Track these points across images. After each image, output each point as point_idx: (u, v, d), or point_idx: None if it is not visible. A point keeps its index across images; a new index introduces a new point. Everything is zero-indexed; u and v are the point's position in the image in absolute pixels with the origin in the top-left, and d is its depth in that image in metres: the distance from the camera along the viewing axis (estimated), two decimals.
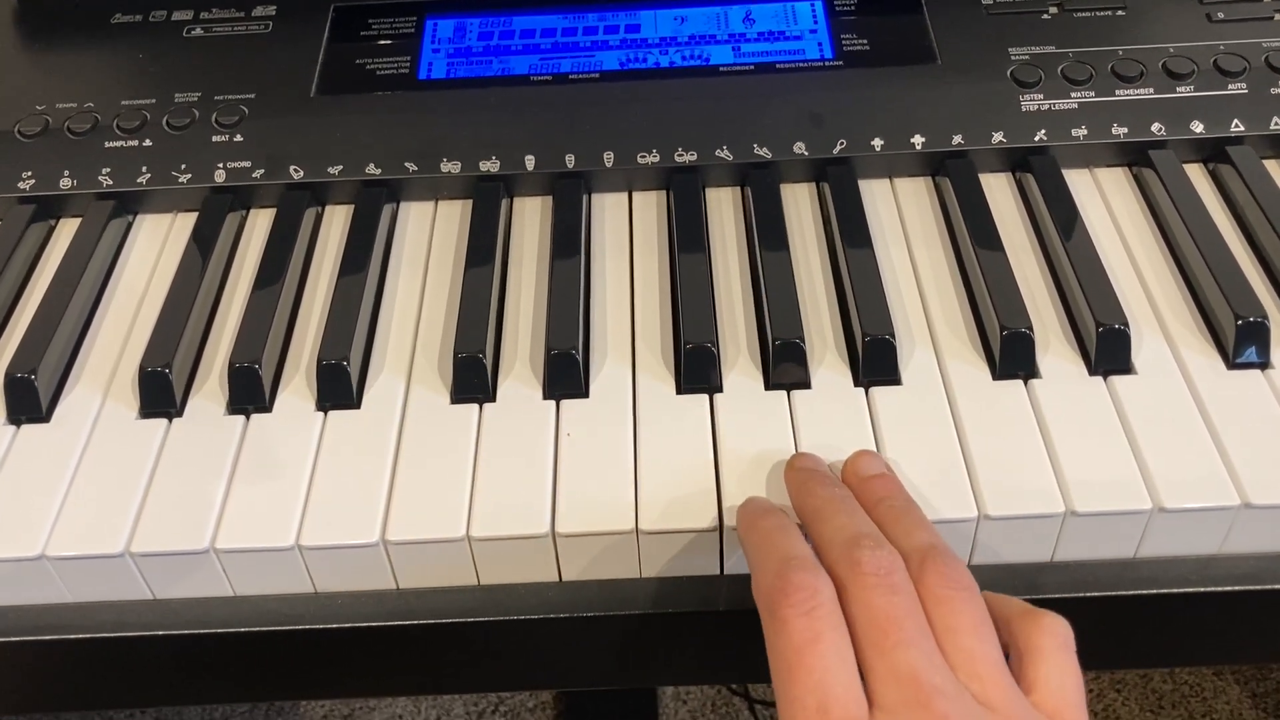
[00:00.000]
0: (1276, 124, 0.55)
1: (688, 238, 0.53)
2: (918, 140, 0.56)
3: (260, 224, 0.57)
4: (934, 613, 0.36)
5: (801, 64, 0.59)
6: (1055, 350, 0.48)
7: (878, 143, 0.56)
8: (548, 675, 0.49)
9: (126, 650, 0.45)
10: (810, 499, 0.41)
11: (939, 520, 0.42)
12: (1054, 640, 0.37)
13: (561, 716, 1.17)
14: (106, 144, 0.58)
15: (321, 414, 0.48)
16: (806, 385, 0.47)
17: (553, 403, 0.47)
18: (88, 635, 0.45)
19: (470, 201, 0.56)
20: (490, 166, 0.56)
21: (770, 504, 0.43)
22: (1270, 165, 0.55)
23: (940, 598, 0.36)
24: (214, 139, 0.58)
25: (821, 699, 0.34)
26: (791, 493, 0.43)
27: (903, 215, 0.55)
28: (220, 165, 0.57)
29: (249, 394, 0.48)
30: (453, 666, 0.47)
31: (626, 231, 0.56)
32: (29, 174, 0.57)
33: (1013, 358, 0.47)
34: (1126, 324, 0.47)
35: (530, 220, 0.57)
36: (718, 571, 0.45)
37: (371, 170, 0.56)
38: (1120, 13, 0.59)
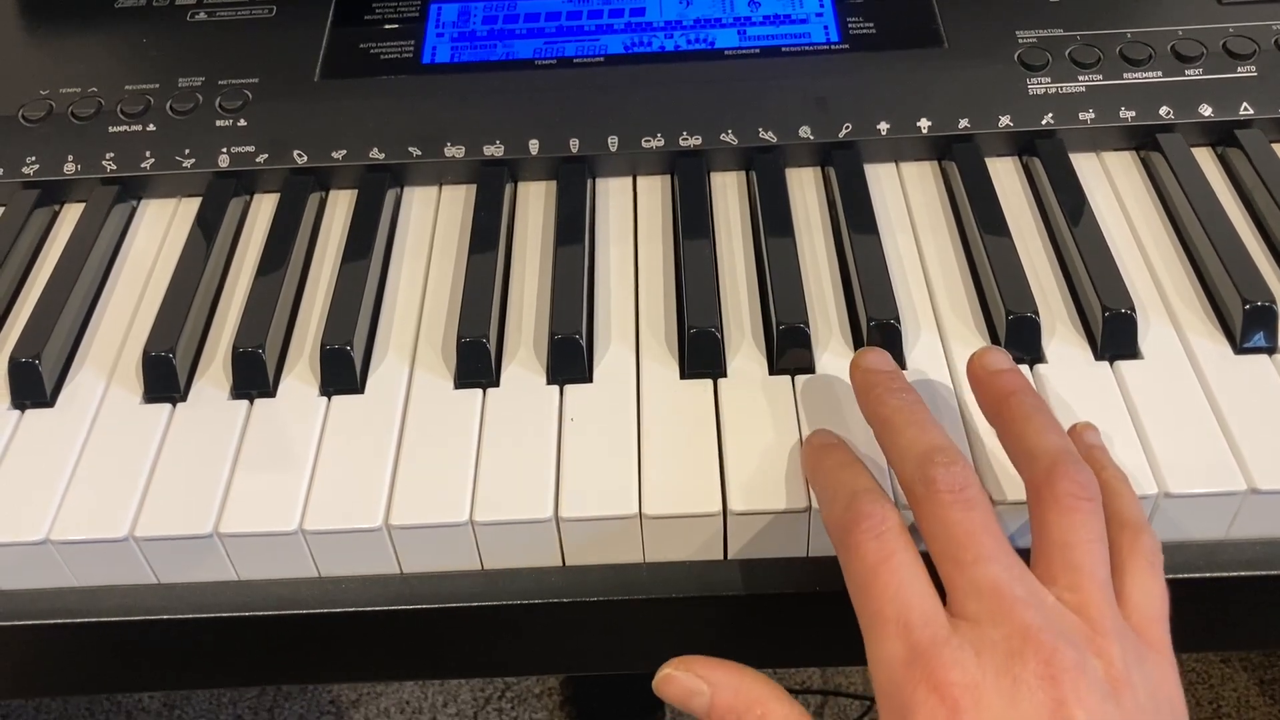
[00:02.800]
0: None
1: (692, 222, 0.53)
2: (924, 124, 0.55)
3: (264, 209, 0.57)
4: (1055, 522, 0.37)
5: (807, 47, 0.59)
6: (1061, 335, 0.48)
7: (883, 126, 0.55)
8: (551, 660, 0.49)
9: (131, 634, 0.45)
10: (880, 407, 0.41)
11: None
12: (1144, 559, 0.38)
13: (567, 701, 1.17)
14: (110, 129, 0.58)
15: (325, 399, 0.48)
16: (811, 370, 0.47)
17: (556, 388, 0.47)
18: (92, 619, 0.45)
19: (474, 186, 0.56)
20: (494, 151, 0.56)
21: (834, 437, 0.43)
22: None
23: (1067, 507, 0.37)
24: (218, 124, 0.57)
25: (900, 609, 0.35)
26: (858, 395, 0.43)
27: (908, 199, 0.55)
28: (224, 150, 0.57)
29: (253, 379, 0.48)
30: (456, 651, 0.47)
31: (631, 216, 0.55)
32: (33, 159, 0.57)
33: (1018, 343, 0.47)
34: (1133, 309, 0.47)
35: (534, 205, 0.56)
36: (721, 556, 0.45)
37: (375, 155, 0.56)
38: None
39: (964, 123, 0.55)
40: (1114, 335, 0.47)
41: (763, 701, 0.37)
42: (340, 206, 0.57)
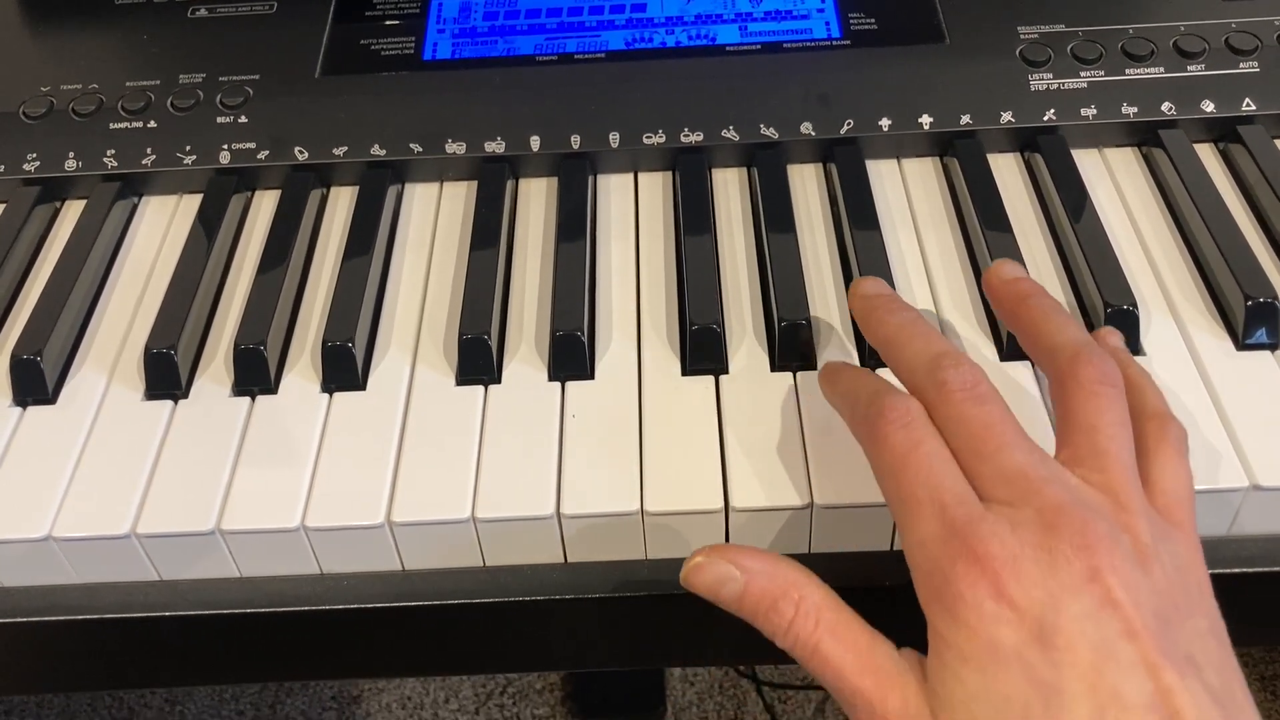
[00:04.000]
0: None
1: (693, 219, 0.53)
2: (925, 120, 0.55)
3: (265, 205, 0.57)
4: (1080, 408, 0.37)
5: (808, 43, 0.59)
6: None
7: (885, 123, 0.55)
8: (553, 657, 0.49)
9: (132, 631, 0.45)
10: (881, 327, 0.42)
11: None
12: (1171, 445, 0.38)
13: (569, 697, 1.17)
14: (111, 125, 0.58)
15: (327, 395, 0.48)
16: (813, 366, 0.47)
17: (558, 384, 0.47)
18: (94, 616, 0.45)
19: (475, 183, 0.56)
20: (495, 147, 0.56)
21: (846, 362, 0.44)
22: None
23: (1091, 392, 0.37)
24: (218, 120, 0.57)
25: (933, 490, 0.35)
26: (859, 321, 0.44)
27: (910, 196, 0.55)
28: (225, 147, 0.57)
29: (254, 375, 0.48)
30: (458, 648, 0.47)
31: (632, 213, 0.55)
32: (34, 155, 0.57)
33: None
34: (1135, 305, 0.47)
35: (535, 201, 0.56)
36: None
37: (376, 151, 0.56)
38: None
39: (966, 119, 0.55)
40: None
41: (799, 585, 0.37)
42: (341, 203, 0.57)
